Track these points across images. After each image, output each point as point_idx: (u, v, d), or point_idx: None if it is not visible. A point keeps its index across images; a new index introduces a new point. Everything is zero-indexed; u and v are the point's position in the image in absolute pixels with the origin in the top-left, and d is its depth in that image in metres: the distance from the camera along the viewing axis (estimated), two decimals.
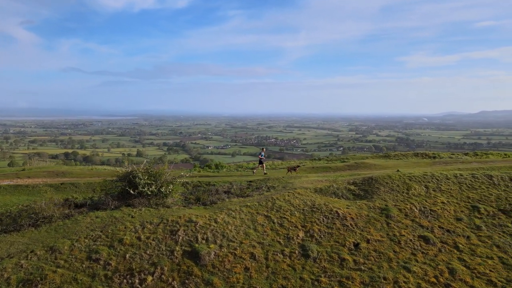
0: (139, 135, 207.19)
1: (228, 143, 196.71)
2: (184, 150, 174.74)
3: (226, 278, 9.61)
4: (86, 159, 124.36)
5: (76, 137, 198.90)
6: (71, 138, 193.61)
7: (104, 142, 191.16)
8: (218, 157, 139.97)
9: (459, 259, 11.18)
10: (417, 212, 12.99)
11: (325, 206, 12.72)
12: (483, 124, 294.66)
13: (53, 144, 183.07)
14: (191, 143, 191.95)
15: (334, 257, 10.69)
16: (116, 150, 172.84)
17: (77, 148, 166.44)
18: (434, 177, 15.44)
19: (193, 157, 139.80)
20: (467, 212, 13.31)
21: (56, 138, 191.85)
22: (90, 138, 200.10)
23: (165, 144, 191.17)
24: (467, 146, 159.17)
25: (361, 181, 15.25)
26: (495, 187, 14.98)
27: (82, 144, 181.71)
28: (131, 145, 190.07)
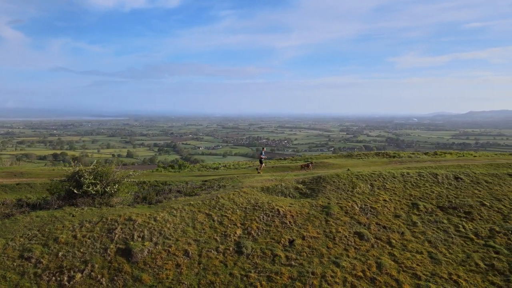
0: (130, 136, 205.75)
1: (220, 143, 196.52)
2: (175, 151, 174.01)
3: (156, 274, 9.88)
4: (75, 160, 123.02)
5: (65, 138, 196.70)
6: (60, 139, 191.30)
7: (94, 143, 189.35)
8: (209, 157, 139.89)
9: (389, 254, 11.62)
10: (358, 209, 13.42)
11: (267, 204, 13.08)
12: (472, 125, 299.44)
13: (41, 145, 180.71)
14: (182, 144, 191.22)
15: (267, 253, 11.04)
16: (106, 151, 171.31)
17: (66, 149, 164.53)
18: (381, 176, 15.92)
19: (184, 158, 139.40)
20: (407, 209, 13.79)
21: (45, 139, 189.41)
22: (79, 139, 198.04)
23: (156, 144, 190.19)
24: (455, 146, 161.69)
25: (309, 180, 15.64)
26: (438, 185, 15.51)
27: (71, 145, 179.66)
28: (122, 146, 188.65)
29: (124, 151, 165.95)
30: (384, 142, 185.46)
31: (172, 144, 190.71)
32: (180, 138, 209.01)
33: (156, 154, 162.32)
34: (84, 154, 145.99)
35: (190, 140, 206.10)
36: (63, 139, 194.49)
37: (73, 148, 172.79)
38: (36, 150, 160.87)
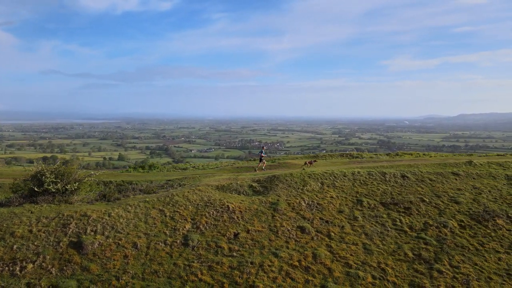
0: (122, 139, 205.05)
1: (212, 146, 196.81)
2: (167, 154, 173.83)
3: (104, 264, 10.71)
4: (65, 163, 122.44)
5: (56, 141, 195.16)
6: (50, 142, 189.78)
7: (85, 146, 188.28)
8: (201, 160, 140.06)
9: (327, 245, 12.60)
10: (304, 205, 14.40)
11: (219, 201, 14.00)
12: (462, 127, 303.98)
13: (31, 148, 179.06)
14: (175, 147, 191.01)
15: (212, 245, 11.94)
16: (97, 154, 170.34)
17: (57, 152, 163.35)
18: (333, 175, 16.95)
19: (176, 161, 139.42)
20: (351, 205, 14.81)
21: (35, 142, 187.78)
22: (70, 142, 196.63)
23: (148, 147, 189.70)
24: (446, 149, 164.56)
25: (264, 179, 16.60)
26: (385, 183, 16.58)
27: (62, 148, 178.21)
28: (113, 149, 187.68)
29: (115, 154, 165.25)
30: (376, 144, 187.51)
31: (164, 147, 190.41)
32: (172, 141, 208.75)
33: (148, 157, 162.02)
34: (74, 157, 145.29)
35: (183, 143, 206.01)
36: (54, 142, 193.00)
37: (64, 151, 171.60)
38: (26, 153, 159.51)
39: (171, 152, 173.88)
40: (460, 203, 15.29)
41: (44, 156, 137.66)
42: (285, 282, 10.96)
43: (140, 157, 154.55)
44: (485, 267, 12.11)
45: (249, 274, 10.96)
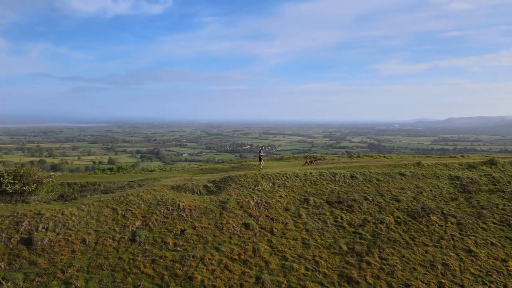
0: (112, 143, 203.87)
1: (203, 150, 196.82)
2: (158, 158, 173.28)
3: (52, 259, 11.46)
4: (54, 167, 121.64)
5: (44, 145, 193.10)
6: (39, 146, 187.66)
7: (74, 150, 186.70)
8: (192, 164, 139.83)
9: (268, 241, 13.52)
10: (253, 204, 15.33)
11: (171, 200, 14.85)
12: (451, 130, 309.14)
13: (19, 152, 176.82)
14: (165, 150, 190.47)
15: (158, 241, 12.77)
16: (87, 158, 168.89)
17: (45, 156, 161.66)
18: (285, 175, 17.93)
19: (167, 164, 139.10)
20: (298, 204, 15.79)
21: (23, 146, 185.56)
22: (59, 145, 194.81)
23: (139, 151, 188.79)
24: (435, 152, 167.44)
25: (219, 180, 17.50)
26: (334, 183, 17.61)
27: (50, 152, 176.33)
28: (103, 152, 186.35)
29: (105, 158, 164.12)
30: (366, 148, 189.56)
31: (155, 150, 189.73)
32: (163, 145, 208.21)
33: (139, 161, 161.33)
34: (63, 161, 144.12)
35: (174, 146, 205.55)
36: (43, 146, 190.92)
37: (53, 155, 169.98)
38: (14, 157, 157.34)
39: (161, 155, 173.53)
40: (400, 201, 16.37)
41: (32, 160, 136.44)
42: (222, 274, 11.84)
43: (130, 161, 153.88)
44: (411, 259, 13.15)
45: (189, 267, 11.81)
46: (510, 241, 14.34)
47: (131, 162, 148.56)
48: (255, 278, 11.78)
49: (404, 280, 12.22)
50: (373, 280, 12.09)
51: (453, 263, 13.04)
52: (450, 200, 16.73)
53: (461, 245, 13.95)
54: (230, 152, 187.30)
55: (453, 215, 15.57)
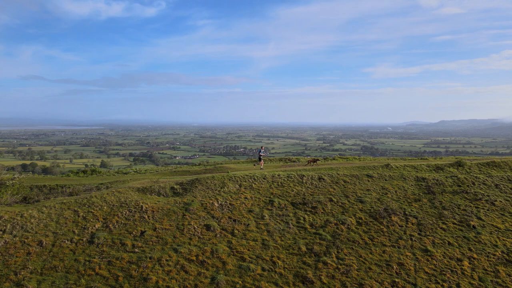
0: (105, 146, 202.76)
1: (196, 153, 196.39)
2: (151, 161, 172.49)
3: (6, 261, 11.49)
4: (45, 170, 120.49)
5: (36, 148, 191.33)
6: (30, 149, 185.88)
7: (66, 153, 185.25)
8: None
9: (228, 242, 13.66)
10: (217, 205, 15.48)
11: (135, 202, 14.94)
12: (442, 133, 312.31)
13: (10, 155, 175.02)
14: (159, 153, 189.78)
15: (117, 242, 12.84)
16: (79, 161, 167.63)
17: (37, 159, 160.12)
18: (253, 177, 18.12)
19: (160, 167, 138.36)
20: (262, 205, 15.97)
21: (14, 149, 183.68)
22: (51, 148, 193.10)
23: (131, 154, 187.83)
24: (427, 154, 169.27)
25: (187, 182, 17.63)
26: (301, 184, 17.83)
27: (42, 155, 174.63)
28: (96, 155, 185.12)
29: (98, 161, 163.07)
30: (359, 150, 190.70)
31: (148, 153, 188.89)
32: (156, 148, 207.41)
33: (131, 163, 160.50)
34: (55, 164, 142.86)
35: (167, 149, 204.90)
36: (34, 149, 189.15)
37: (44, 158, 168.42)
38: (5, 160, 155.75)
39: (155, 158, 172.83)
40: (364, 202, 16.63)
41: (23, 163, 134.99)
42: (178, 275, 11.95)
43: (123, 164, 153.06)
44: (368, 259, 13.38)
45: (145, 268, 11.91)
46: (467, 240, 14.66)
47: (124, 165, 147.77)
48: (211, 278, 11.91)
49: (359, 279, 12.44)
50: (328, 280, 12.29)
51: (409, 263, 13.30)
52: (414, 201, 17.03)
53: (419, 245, 14.22)
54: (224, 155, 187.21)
55: (415, 216, 15.87)
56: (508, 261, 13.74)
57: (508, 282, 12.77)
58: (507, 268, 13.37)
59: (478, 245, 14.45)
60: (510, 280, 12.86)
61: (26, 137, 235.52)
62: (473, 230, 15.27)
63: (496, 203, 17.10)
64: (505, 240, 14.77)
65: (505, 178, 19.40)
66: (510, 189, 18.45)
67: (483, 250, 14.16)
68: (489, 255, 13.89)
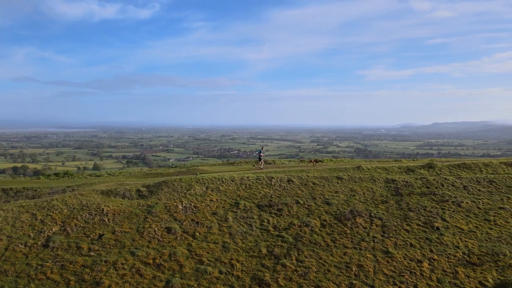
0: (98, 148, 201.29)
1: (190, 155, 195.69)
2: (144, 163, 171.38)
3: None
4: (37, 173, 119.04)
5: (28, 151, 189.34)
6: (22, 152, 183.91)
7: (58, 155, 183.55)
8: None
9: (188, 244, 13.56)
10: (181, 208, 15.38)
11: (97, 205, 14.79)
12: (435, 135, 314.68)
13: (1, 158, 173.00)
14: (152, 156, 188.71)
15: (73, 246, 12.69)
16: (71, 163, 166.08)
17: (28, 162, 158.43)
18: (221, 180, 18.05)
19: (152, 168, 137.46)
20: (228, 207, 15.90)
21: (5, 152, 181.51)
22: (43, 151, 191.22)
23: (125, 157, 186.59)
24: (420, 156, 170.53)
25: (154, 184, 17.52)
26: (270, 187, 17.80)
27: (34, 158, 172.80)
28: (88, 158, 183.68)
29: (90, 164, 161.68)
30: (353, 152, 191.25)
31: (142, 156, 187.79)
32: (150, 150, 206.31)
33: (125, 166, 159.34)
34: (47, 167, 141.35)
35: (161, 152, 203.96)
36: (26, 151, 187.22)
37: (36, 161, 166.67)
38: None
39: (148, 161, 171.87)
40: (331, 204, 16.64)
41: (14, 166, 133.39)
42: (132, 278, 11.82)
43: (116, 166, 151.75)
44: (328, 261, 13.36)
45: (99, 272, 11.77)
46: (429, 242, 14.71)
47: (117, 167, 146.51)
48: (166, 282, 11.80)
49: (316, 281, 12.40)
50: (285, 282, 12.24)
51: (369, 264, 13.30)
52: (381, 203, 17.08)
53: (381, 247, 14.23)
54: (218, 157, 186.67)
55: (380, 218, 15.90)
56: (469, 262, 13.81)
57: (466, 283, 12.83)
58: (466, 269, 13.43)
59: (440, 246, 14.51)
60: (469, 281, 12.92)
61: (17, 139, 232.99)
62: (436, 232, 15.34)
63: (462, 204, 17.21)
64: (467, 241, 14.85)
65: (474, 179, 19.55)
66: (478, 190, 18.60)
67: (444, 251, 14.22)
68: (449, 256, 13.95)
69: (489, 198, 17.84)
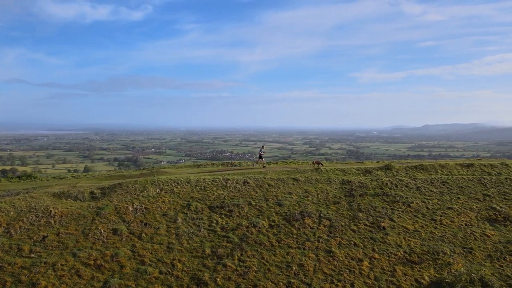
0: (89, 150, 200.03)
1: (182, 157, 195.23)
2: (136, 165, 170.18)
3: None
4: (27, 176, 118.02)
5: (17, 153, 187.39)
6: (11, 154, 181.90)
7: (49, 158, 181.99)
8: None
9: (132, 245, 13.76)
10: (131, 209, 15.58)
11: (45, 207, 14.94)
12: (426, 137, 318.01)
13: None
14: (144, 158, 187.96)
15: (14, 248, 12.82)
16: (61, 166, 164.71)
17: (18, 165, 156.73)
18: (176, 181, 18.29)
19: None
20: (179, 209, 16.14)
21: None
22: (33, 153, 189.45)
23: (116, 159, 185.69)
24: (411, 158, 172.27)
25: (108, 186, 17.71)
26: (224, 188, 18.09)
27: (23, 161, 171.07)
28: (79, 160, 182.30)
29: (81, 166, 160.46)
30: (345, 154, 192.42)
31: (134, 158, 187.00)
32: (142, 152, 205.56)
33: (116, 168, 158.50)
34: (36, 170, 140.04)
35: (153, 154, 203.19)
36: (15, 154, 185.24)
37: (25, 163, 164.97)
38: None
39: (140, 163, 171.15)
40: (283, 205, 16.96)
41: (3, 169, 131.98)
42: (70, 279, 11.99)
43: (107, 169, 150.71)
44: (270, 260, 13.65)
45: (36, 273, 11.91)
46: (373, 241, 15.09)
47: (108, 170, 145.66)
48: (103, 282, 11.98)
49: (255, 281, 12.68)
50: (223, 282, 12.50)
51: (310, 264, 13.62)
52: (332, 204, 17.44)
53: (324, 246, 14.57)
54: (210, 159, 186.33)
55: (328, 218, 16.25)
56: (408, 260, 14.20)
57: (402, 281, 13.20)
58: (405, 268, 13.81)
59: (383, 245, 14.89)
60: (405, 279, 13.30)
61: (7, 142, 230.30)
62: (382, 231, 15.73)
63: (412, 205, 17.66)
64: (410, 241, 15.26)
65: (428, 180, 20.05)
66: (430, 191, 19.08)
67: (386, 250, 14.60)
68: (390, 255, 14.33)
69: (439, 199, 18.32)
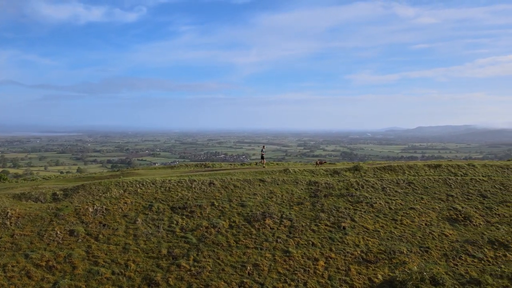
0: (82, 152, 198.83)
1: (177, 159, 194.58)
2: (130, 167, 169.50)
3: None
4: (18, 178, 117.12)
5: (9, 155, 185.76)
6: (3, 156, 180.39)
7: (41, 160, 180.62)
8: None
9: (88, 246, 13.79)
10: (91, 210, 15.61)
11: (3, 208, 14.93)
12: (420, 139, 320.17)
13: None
14: (138, 160, 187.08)
15: None
16: (54, 168, 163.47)
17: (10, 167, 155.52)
18: (142, 183, 18.34)
19: None
20: (140, 209, 16.19)
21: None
22: (25, 155, 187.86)
23: (110, 161, 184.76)
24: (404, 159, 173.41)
25: (72, 187, 17.72)
26: (189, 189, 18.17)
27: (15, 163, 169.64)
28: (72, 162, 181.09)
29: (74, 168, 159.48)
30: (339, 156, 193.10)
31: (127, 160, 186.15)
32: (136, 154, 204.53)
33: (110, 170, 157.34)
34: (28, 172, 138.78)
35: (147, 156, 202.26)
36: (7, 156, 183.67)
37: (17, 165, 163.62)
38: None
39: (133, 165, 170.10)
40: (246, 206, 17.07)
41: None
42: (20, 280, 11.99)
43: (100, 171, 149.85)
44: (225, 260, 13.73)
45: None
46: (331, 241, 15.23)
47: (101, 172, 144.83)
48: (53, 283, 12.00)
49: (208, 280, 12.76)
50: (175, 282, 12.56)
51: (265, 263, 13.72)
52: (296, 205, 17.58)
53: (282, 247, 14.68)
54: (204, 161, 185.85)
55: (290, 219, 16.38)
56: (365, 260, 14.35)
57: (355, 280, 13.35)
58: (360, 267, 13.96)
59: (341, 245, 15.04)
60: (358, 278, 13.45)
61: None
62: (341, 231, 15.88)
63: (375, 205, 17.85)
64: (368, 240, 15.42)
65: (394, 181, 20.27)
66: (395, 191, 19.29)
67: (343, 250, 14.75)
68: (347, 255, 14.48)
69: (403, 199, 18.55)
